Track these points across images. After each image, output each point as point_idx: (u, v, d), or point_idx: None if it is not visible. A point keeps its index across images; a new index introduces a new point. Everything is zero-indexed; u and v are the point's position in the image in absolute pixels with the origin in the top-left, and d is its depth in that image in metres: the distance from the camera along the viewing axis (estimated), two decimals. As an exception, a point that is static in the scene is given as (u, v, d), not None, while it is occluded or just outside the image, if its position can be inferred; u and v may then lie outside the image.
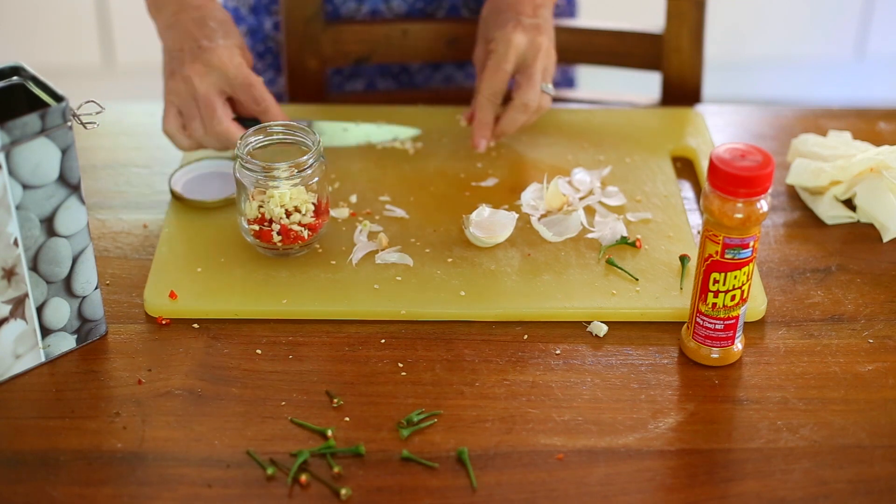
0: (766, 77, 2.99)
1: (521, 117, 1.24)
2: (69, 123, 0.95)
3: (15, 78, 0.98)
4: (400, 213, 1.19)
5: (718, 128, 1.37)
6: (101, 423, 0.97)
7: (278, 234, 1.10)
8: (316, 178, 1.11)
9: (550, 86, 1.25)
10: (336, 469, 0.93)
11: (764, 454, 0.96)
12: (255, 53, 1.48)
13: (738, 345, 1.04)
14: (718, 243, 0.98)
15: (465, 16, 1.47)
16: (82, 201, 0.99)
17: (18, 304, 0.99)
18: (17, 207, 0.95)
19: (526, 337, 1.06)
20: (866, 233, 1.20)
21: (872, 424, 0.99)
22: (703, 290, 1.00)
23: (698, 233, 1.18)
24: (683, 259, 1.13)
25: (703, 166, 1.26)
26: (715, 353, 1.03)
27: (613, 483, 0.93)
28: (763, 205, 0.96)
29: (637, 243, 1.15)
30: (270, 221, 1.11)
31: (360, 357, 1.04)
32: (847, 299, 1.11)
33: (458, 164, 1.27)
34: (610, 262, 1.13)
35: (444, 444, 0.96)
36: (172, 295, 1.08)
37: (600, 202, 1.21)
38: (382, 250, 1.14)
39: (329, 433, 0.96)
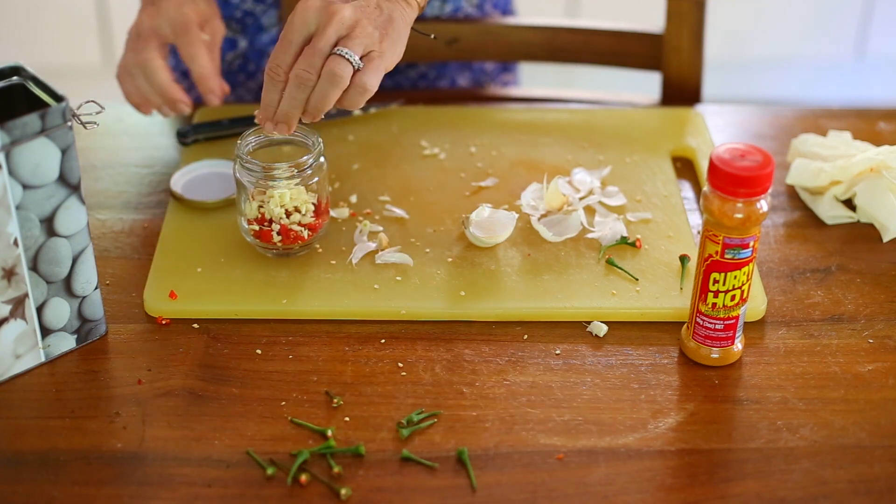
0: (766, 77, 2.99)
1: (298, 94, 1.06)
2: (69, 123, 0.95)
3: (15, 78, 0.98)
4: (400, 213, 1.19)
5: (718, 128, 1.37)
6: (101, 423, 0.97)
7: (278, 234, 1.10)
8: (316, 179, 1.11)
9: (351, 52, 1.06)
10: (336, 469, 0.93)
11: (764, 454, 0.96)
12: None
13: (738, 345, 1.04)
14: (718, 243, 0.98)
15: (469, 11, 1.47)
16: (82, 201, 0.99)
17: (18, 304, 0.99)
18: (17, 207, 0.95)
19: (526, 337, 1.06)
20: (866, 233, 1.20)
21: (872, 424, 0.99)
22: (703, 290, 1.00)
23: (698, 233, 1.18)
24: (683, 259, 1.13)
25: (703, 166, 1.26)
26: (715, 353, 1.03)
27: (613, 483, 0.93)
28: (763, 205, 0.96)
29: (637, 243, 1.15)
30: (270, 221, 1.11)
31: (360, 357, 1.04)
32: (847, 299, 1.11)
33: (458, 164, 1.27)
34: (610, 262, 1.13)
35: (444, 444, 0.96)
36: (172, 295, 1.08)
37: (600, 202, 1.21)
38: (382, 250, 1.14)
39: (329, 433, 0.96)
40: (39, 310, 1.01)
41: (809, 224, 1.21)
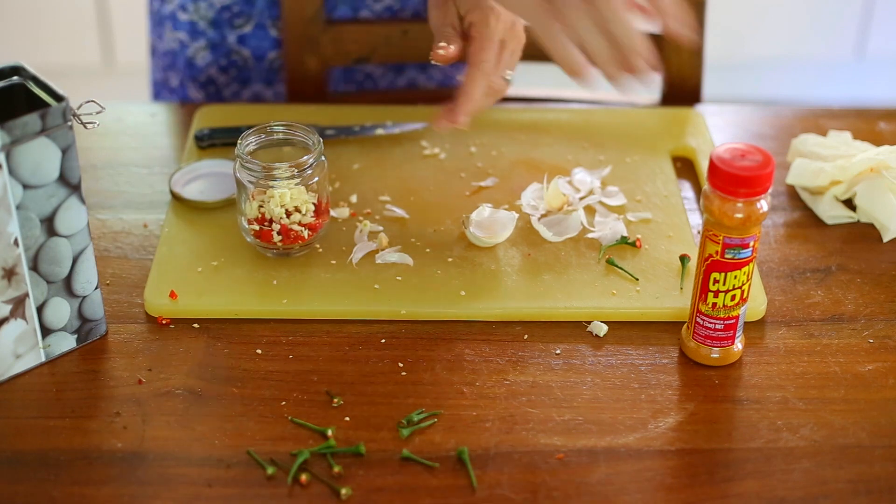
0: (766, 77, 2.99)
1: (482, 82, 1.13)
2: (69, 123, 0.95)
3: (15, 78, 0.98)
4: (400, 213, 1.19)
5: (718, 128, 1.37)
6: (101, 423, 0.97)
7: (278, 234, 1.11)
8: (316, 178, 1.11)
9: (511, 73, 1.17)
10: (336, 469, 0.93)
11: (764, 454, 0.96)
12: (218, 67, 1.46)
13: (738, 345, 1.04)
14: (718, 243, 0.98)
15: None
16: (82, 201, 0.99)
17: (18, 304, 0.99)
18: (18, 207, 0.95)
19: (526, 337, 1.06)
20: (866, 233, 1.20)
21: (872, 424, 0.99)
22: (703, 289, 1.01)
23: (698, 233, 1.18)
24: (683, 259, 1.13)
25: (703, 166, 1.26)
26: (715, 353, 1.03)
27: (613, 483, 0.93)
28: (763, 205, 0.96)
29: (637, 243, 1.15)
30: (270, 221, 1.11)
31: (360, 357, 1.04)
32: (847, 299, 1.11)
33: (458, 164, 1.27)
34: (610, 262, 1.13)
35: (444, 444, 0.96)
36: (172, 295, 1.08)
37: (600, 202, 1.21)
38: (382, 250, 1.14)
39: (329, 433, 0.96)
40: (39, 309, 1.01)
41: (809, 224, 1.21)
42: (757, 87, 2.99)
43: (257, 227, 1.11)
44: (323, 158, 1.11)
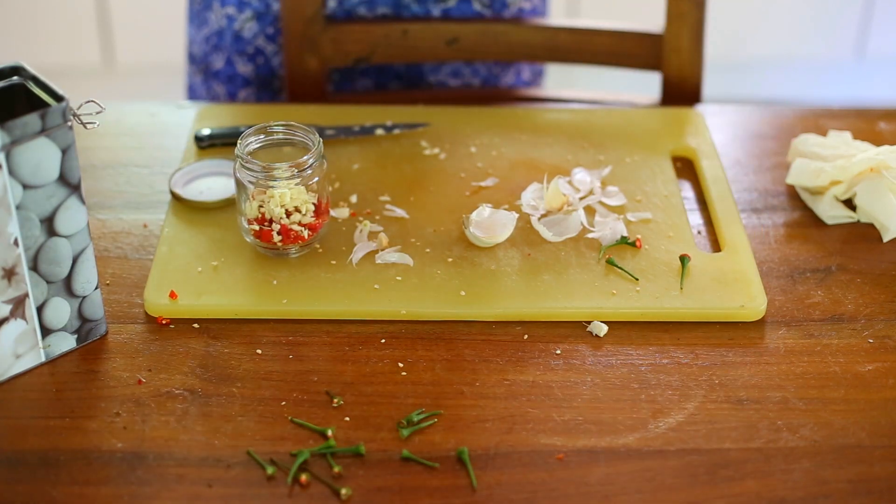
0: (766, 77, 2.99)
1: None
2: (69, 123, 0.95)
3: (15, 78, 0.98)
4: (400, 213, 1.19)
5: (718, 128, 1.37)
6: (101, 423, 0.97)
7: (278, 234, 1.11)
8: (316, 178, 1.11)
9: None
10: (336, 469, 0.93)
11: (764, 454, 0.96)
12: (265, 36, 1.48)
13: None
14: None
15: (478, 9, 1.48)
16: (82, 201, 0.99)
17: (18, 304, 0.99)
18: (18, 207, 0.95)
19: (526, 337, 1.06)
20: (866, 233, 1.20)
21: (872, 424, 0.99)
22: None
23: (699, 232, 1.18)
24: (683, 259, 1.13)
25: (703, 166, 1.26)
26: None
27: (613, 483, 0.93)
28: None
29: (637, 243, 1.15)
30: (270, 221, 1.11)
31: (360, 357, 1.04)
32: (847, 299, 1.11)
33: (458, 164, 1.27)
34: (610, 262, 1.13)
35: (444, 444, 0.96)
36: (172, 295, 1.08)
37: (600, 202, 1.21)
38: (382, 250, 1.14)
39: (329, 433, 0.96)
40: (40, 309, 1.01)
41: (809, 224, 1.21)
42: (757, 87, 2.99)
43: (257, 227, 1.11)
44: (323, 158, 1.11)
